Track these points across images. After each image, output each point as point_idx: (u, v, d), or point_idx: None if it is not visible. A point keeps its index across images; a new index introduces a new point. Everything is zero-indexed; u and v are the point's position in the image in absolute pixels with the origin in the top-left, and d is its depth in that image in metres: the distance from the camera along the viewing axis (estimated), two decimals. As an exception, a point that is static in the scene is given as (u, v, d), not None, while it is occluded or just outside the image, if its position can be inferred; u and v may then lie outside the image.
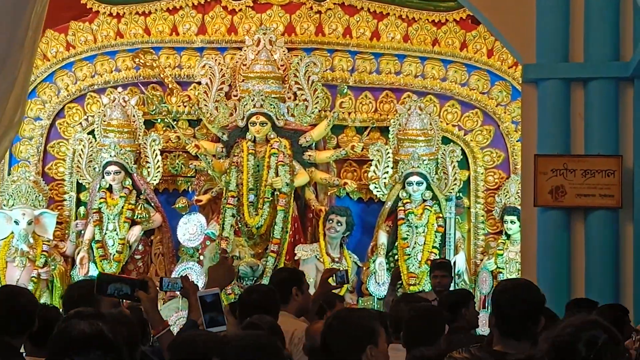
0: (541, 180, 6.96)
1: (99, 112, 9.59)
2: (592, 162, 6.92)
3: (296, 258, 9.01)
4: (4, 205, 9.33)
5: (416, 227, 8.97)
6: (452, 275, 7.55)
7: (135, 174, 9.35)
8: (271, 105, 9.08)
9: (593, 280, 6.97)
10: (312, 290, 7.84)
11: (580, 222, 7.07)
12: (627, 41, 7.05)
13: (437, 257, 8.83)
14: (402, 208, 9.03)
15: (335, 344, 3.13)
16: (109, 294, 3.57)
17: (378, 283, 8.90)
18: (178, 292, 5.76)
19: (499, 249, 9.06)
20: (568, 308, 5.48)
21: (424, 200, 9.04)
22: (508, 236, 9.04)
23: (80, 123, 9.89)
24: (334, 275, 5.57)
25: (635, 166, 6.95)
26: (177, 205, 9.36)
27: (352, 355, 3.06)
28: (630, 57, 6.96)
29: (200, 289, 6.16)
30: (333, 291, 5.81)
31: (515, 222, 8.89)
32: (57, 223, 9.43)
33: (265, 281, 8.49)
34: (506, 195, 9.12)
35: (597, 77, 7.08)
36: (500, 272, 8.94)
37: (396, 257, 9.02)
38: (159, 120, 9.68)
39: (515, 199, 8.93)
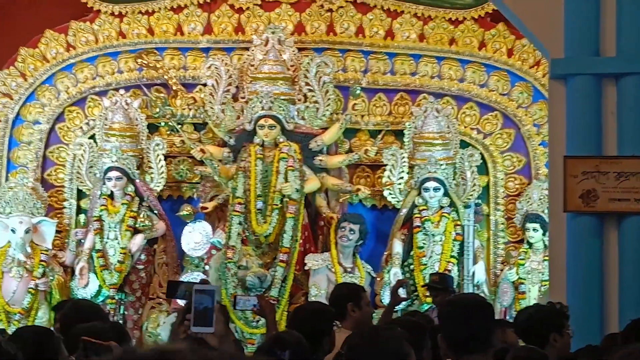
0: (571, 184, 6.67)
1: (101, 116, 9.46)
2: (627, 164, 6.69)
3: (306, 268, 8.87)
4: (0, 213, 9.19)
5: (433, 235, 8.80)
6: (450, 288, 7.23)
7: (137, 180, 9.21)
8: (280, 107, 8.96)
9: (627, 292, 6.64)
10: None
11: (614, 229, 6.75)
12: (664, 33, 6.85)
13: (454, 268, 8.78)
14: (418, 215, 8.85)
15: None
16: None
17: (393, 294, 8.65)
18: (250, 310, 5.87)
19: (520, 259, 8.83)
20: (627, 329, 5.12)
21: (441, 207, 8.85)
22: (530, 245, 8.83)
23: (81, 127, 9.77)
24: (402, 285, 6.06)
25: (673, 167, 6.69)
26: (181, 213, 9.11)
27: None
28: None
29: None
30: None
31: (537, 230, 8.72)
32: (56, 232, 9.28)
33: (273, 293, 8.62)
34: (528, 201, 8.91)
35: (631, 72, 6.81)
36: (522, 283, 8.76)
37: (412, 267, 8.83)
38: (163, 123, 9.50)
39: (538, 205, 8.79)
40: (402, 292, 6.37)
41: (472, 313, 3.69)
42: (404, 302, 7.26)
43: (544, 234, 8.52)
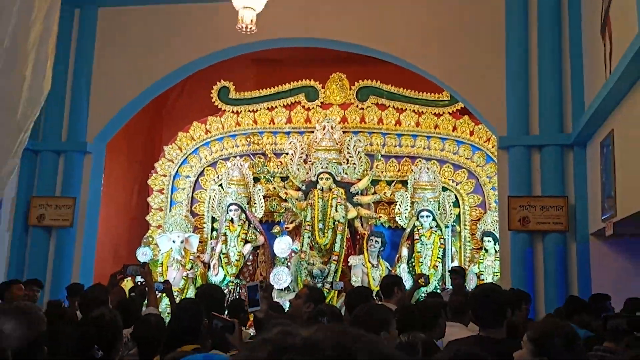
0: (513, 213, 6.93)
1: (225, 173, 9.60)
2: (547, 201, 6.88)
3: (349, 264, 8.84)
4: (167, 231, 9.35)
5: (426, 244, 8.77)
6: (464, 276, 7.04)
7: (247, 211, 9.31)
8: (332, 167, 9.05)
9: (548, 281, 6.79)
10: (358, 284, 7.94)
11: (540, 241, 6.96)
12: (568, 119, 7.04)
13: (440, 265, 8.69)
14: (417, 232, 8.86)
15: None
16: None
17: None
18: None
19: (480, 259, 8.79)
20: (626, 304, 5.03)
21: (431, 227, 8.84)
22: (486, 250, 8.78)
23: (214, 179, 9.93)
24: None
25: (576, 203, 6.84)
26: (273, 231, 9.31)
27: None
28: (570, 130, 6.96)
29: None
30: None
31: (491, 242, 8.67)
32: (199, 242, 9.44)
33: (329, 279, 8.39)
34: (484, 224, 8.91)
35: (548, 144, 7.03)
36: (482, 274, 8.61)
37: (413, 263, 8.77)
38: (262, 177, 9.68)
39: (491, 226, 8.74)
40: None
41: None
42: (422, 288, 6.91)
43: (495, 244, 8.50)
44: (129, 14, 8.40)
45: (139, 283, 6.42)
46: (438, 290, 8.03)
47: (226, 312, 4.90)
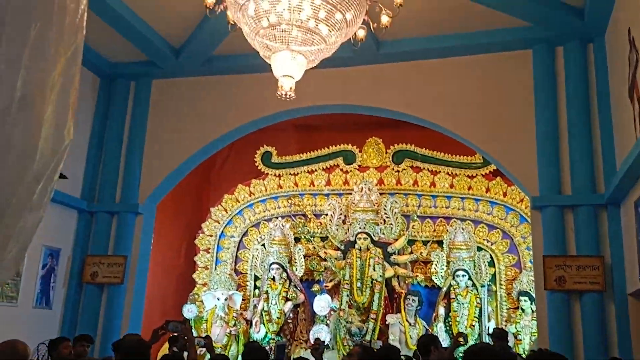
0: (549, 272, 6.73)
1: (268, 233, 9.62)
2: (583, 260, 6.65)
3: (387, 323, 8.61)
4: (212, 288, 9.33)
5: (462, 304, 8.56)
6: (506, 339, 6.39)
7: (288, 270, 9.25)
8: (370, 227, 8.97)
9: (588, 341, 6.52)
10: (396, 344, 7.72)
11: (577, 300, 6.72)
12: (600, 179, 6.85)
13: (476, 324, 8.44)
14: (453, 291, 8.65)
15: None
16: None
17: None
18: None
19: (517, 319, 8.52)
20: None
21: (467, 287, 8.63)
22: (523, 310, 8.51)
23: (257, 239, 9.93)
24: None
25: (612, 263, 6.57)
26: (313, 289, 9.15)
27: None
28: (603, 190, 6.76)
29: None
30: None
31: (527, 301, 8.43)
32: (242, 300, 9.38)
33: (367, 337, 8.27)
34: (520, 283, 8.67)
35: (581, 204, 6.82)
36: (519, 334, 8.34)
37: (450, 322, 8.55)
38: (303, 237, 9.64)
39: (526, 285, 8.50)
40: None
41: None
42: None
43: (531, 303, 8.24)
44: (180, 85, 8.70)
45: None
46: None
47: None
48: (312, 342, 4.11)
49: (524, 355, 7.19)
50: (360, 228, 8.93)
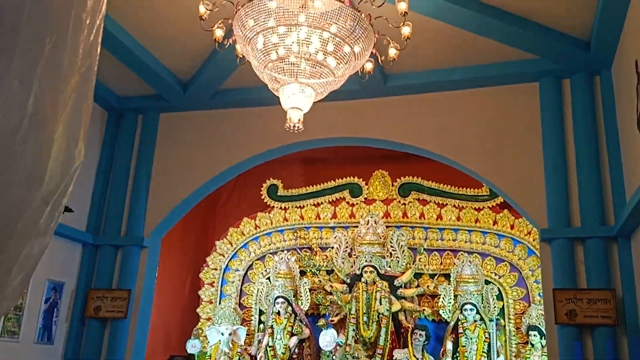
0: (559, 306, 6.48)
1: (273, 266, 9.48)
2: (594, 294, 6.49)
3: (394, 358, 8.47)
4: (215, 323, 9.18)
5: (470, 338, 8.40)
6: None
7: (294, 304, 9.13)
8: (376, 260, 8.89)
9: None
10: None
11: (588, 335, 6.51)
12: (609, 211, 6.71)
13: (485, 359, 8.23)
14: (461, 326, 8.51)
15: None
16: None
17: (448, 377, 8.40)
18: None
19: (527, 354, 8.36)
20: None
21: (475, 321, 8.49)
22: (532, 345, 8.34)
23: (262, 273, 9.80)
24: None
25: (624, 296, 6.40)
26: (319, 324, 9.03)
27: None
28: (613, 222, 6.62)
29: None
30: None
31: (537, 336, 8.27)
32: (247, 334, 9.23)
33: None
34: (529, 317, 8.54)
35: (591, 236, 6.68)
36: None
37: (458, 357, 8.38)
38: (309, 270, 9.55)
39: (536, 319, 8.36)
40: None
41: None
42: None
43: (541, 338, 8.14)
44: (187, 118, 8.72)
45: None
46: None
47: None
48: None
49: None
50: (366, 261, 8.83)
